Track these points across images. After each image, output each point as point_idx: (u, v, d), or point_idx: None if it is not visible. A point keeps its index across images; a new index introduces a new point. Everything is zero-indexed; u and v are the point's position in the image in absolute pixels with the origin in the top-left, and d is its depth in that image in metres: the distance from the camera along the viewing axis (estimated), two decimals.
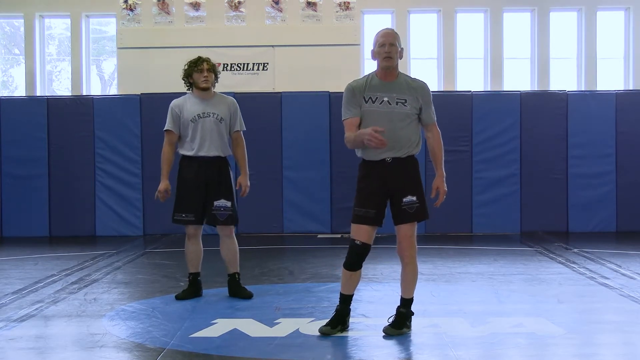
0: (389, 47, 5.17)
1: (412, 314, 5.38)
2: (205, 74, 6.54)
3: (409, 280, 5.34)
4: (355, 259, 5.23)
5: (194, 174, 6.51)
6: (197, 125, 6.50)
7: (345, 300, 5.34)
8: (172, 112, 6.59)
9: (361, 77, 5.39)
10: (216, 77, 6.67)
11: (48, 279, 7.81)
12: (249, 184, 6.70)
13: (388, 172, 5.19)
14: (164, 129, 6.63)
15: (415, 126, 5.28)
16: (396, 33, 5.30)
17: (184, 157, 6.59)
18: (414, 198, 5.22)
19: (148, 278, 7.92)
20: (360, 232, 5.20)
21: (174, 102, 6.66)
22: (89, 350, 5.01)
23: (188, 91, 6.71)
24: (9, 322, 5.80)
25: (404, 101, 5.20)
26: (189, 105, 6.57)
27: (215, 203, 6.51)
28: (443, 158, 5.43)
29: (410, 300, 5.36)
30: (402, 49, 5.27)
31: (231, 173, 6.66)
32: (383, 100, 5.18)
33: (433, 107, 5.36)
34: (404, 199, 5.20)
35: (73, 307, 6.37)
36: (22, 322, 5.82)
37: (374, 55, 5.28)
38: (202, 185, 6.51)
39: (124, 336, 5.37)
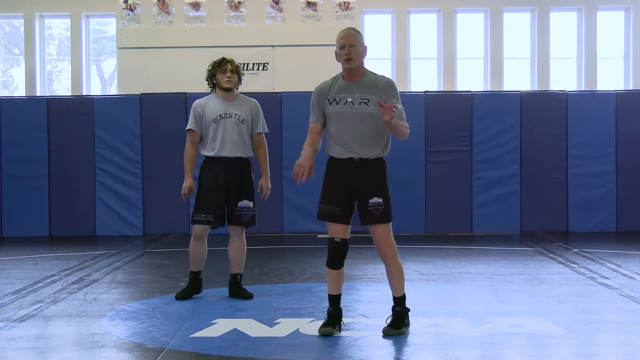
0: (349, 49, 5.14)
1: (408, 310, 5.39)
2: (229, 74, 6.55)
3: (396, 278, 5.36)
4: (337, 256, 5.25)
5: (216, 175, 6.51)
6: (219, 126, 6.50)
7: (335, 301, 5.34)
8: (194, 112, 6.58)
9: (329, 78, 5.35)
10: (239, 79, 6.68)
11: (48, 279, 7.81)
12: (270, 186, 6.74)
13: (354, 171, 5.21)
14: (186, 128, 6.62)
15: (382, 126, 5.16)
16: (357, 32, 5.24)
17: (206, 158, 6.59)
18: (380, 200, 5.20)
19: (148, 278, 7.92)
20: (335, 230, 5.23)
21: (197, 101, 6.65)
22: (89, 350, 5.01)
23: (211, 91, 6.70)
24: (9, 322, 5.80)
25: (366, 101, 5.16)
26: (211, 105, 6.57)
27: (239, 204, 6.54)
28: (403, 135, 5.21)
29: (403, 298, 5.38)
30: (365, 47, 5.23)
31: (253, 175, 6.67)
32: (347, 101, 5.17)
33: (401, 105, 5.23)
34: (370, 201, 5.19)
35: (73, 307, 6.37)
36: (22, 322, 5.81)
37: (336, 57, 5.24)
38: (223, 186, 6.51)
39: (124, 336, 5.37)
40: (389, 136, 5.30)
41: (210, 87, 6.68)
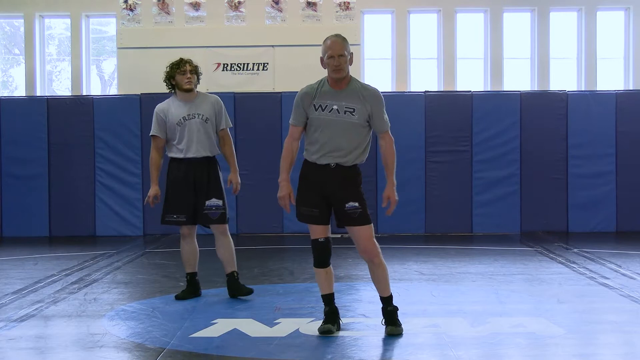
0: (338, 59, 5.13)
1: (397, 308, 5.38)
2: (189, 75, 6.54)
3: (383, 278, 5.34)
4: (322, 255, 5.30)
5: (183, 175, 6.51)
6: (184, 128, 6.50)
7: (329, 301, 5.38)
8: (157, 117, 6.59)
9: (314, 82, 5.34)
10: (198, 78, 6.66)
11: (48, 279, 7.81)
12: (239, 180, 6.71)
13: (328, 177, 5.21)
14: (150, 134, 6.63)
15: (364, 136, 5.21)
16: (344, 40, 5.20)
17: (173, 159, 6.59)
18: (356, 204, 5.20)
19: (148, 278, 7.92)
20: (317, 231, 5.28)
21: (158, 107, 6.66)
22: (89, 350, 5.01)
23: (171, 92, 6.70)
24: (9, 322, 5.80)
25: (352, 110, 5.15)
26: (173, 108, 6.57)
27: (207, 203, 6.51)
28: (395, 166, 5.29)
29: (391, 297, 5.38)
30: (351, 54, 5.22)
31: (220, 173, 6.66)
32: (332, 109, 5.17)
33: (386, 116, 5.25)
34: (347, 205, 5.20)
35: (73, 307, 6.37)
36: (22, 322, 5.82)
37: (323, 64, 5.24)
38: (191, 186, 6.52)
39: (124, 336, 5.37)
40: (368, 145, 5.30)
41: (169, 88, 6.67)
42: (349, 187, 5.22)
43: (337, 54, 5.14)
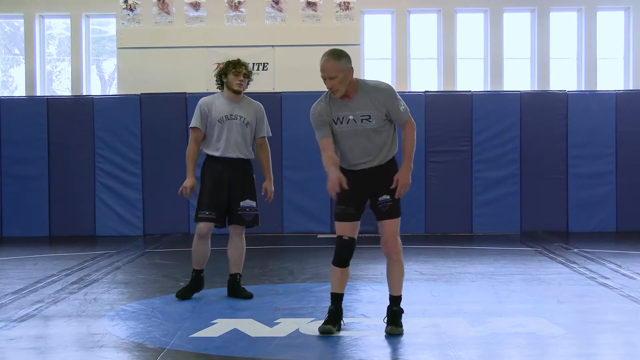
0: (330, 82, 5.06)
1: (403, 311, 5.40)
2: (242, 77, 6.56)
3: (398, 277, 5.39)
4: (345, 253, 5.29)
5: (218, 174, 6.52)
6: (224, 126, 6.50)
7: (338, 300, 5.37)
8: (200, 110, 6.57)
9: (320, 99, 5.24)
10: (248, 83, 6.69)
11: (48, 279, 7.81)
12: (273, 189, 6.74)
13: (365, 177, 5.25)
14: (190, 126, 6.62)
15: (387, 133, 5.23)
16: (337, 59, 5.03)
17: (209, 157, 6.59)
18: (388, 197, 5.27)
19: (148, 278, 7.92)
20: (345, 228, 5.27)
21: (203, 100, 6.65)
22: (89, 350, 5.01)
23: (217, 89, 6.70)
24: (9, 322, 5.80)
25: (368, 117, 5.15)
26: (217, 105, 6.57)
27: (242, 203, 6.56)
28: (413, 151, 5.30)
29: (400, 298, 5.40)
30: (349, 68, 5.07)
31: (255, 176, 6.68)
32: (349, 120, 5.15)
33: (402, 106, 5.22)
34: (380, 198, 5.27)
35: (73, 307, 6.37)
36: (22, 322, 5.81)
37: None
38: (225, 186, 6.53)
39: (124, 336, 5.37)
40: (395, 136, 5.32)
41: (218, 85, 6.67)
42: (385, 181, 5.24)
43: (328, 77, 5.06)
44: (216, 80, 6.67)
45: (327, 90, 5.21)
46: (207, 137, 6.59)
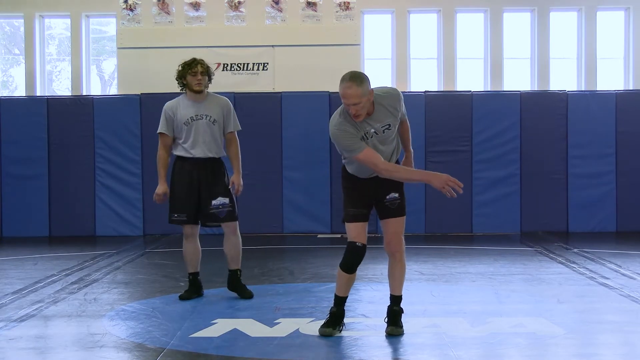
0: (355, 109, 4.93)
1: (403, 311, 5.40)
2: (199, 77, 6.53)
3: (400, 276, 5.39)
4: (356, 261, 5.24)
5: (187, 175, 6.54)
6: (191, 128, 6.51)
7: (341, 302, 5.36)
8: (165, 115, 6.60)
9: (340, 118, 5.06)
10: (209, 79, 6.66)
11: (48, 279, 7.81)
12: (242, 182, 6.69)
13: (374, 181, 5.24)
14: (158, 131, 6.63)
15: (395, 136, 5.29)
16: (359, 85, 4.88)
17: (178, 157, 6.61)
18: (397, 195, 5.31)
19: (148, 278, 7.92)
20: (359, 231, 5.22)
21: (167, 105, 6.66)
22: (89, 350, 5.01)
23: (182, 91, 6.71)
24: (9, 322, 5.80)
25: (388, 126, 5.15)
26: (182, 107, 6.57)
27: (213, 202, 6.53)
28: (410, 139, 5.49)
29: (401, 298, 5.40)
30: (370, 91, 4.96)
31: (227, 173, 6.67)
32: (373, 134, 5.12)
33: (403, 110, 5.29)
34: (387, 196, 5.29)
35: (73, 307, 6.37)
36: (22, 322, 5.82)
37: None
38: (195, 186, 6.53)
39: (124, 336, 5.37)
40: (398, 137, 5.36)
41: (180, 87, 6.68)
42: (392, 181, 5.23)
43: (352, 103, 4.93)
44: (178, 84, 6.67)
45: (342, 105, 5.08)
46: (175, 140, 6.61)
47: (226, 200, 6.56)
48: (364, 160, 5.02)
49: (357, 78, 4.94)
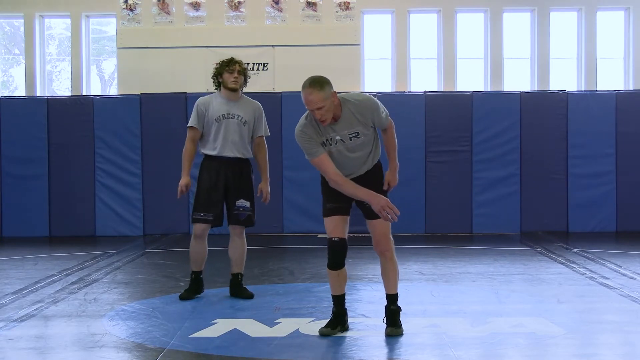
0: (319, 113, 4.94)
1: (400, 309, 5.39)
2: (236, 74, 6.57)
3: (392, 274, 5.38)
4: (337, 256, 5.25)
5: (215, 174, 6.54)
6: (221, 126, 6.52)
7: (339, 301, 5.36)
8: (197, 109, 6.59)
9: (304, 121, 5.10)
10: (245, 80, 6.69)
11: (48, 279, 7.81)
12: (269, 190, 6.73)
13: (355, 181, 5.19)
14: (188, 125, 6.63)
15: (371, 141, 5.19)
16: (320, 90, 4.91)
17: (206, 156, 6.61)
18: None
19: (148, 278, 7.92)
20: (336, 224, 5.23)
21: (201, 99, 6.66)
22: (89, 350, 5.01)
23: (216, 90, 6.71)
24: (9, 322, 5.80)
25: (356, 134, 5.09)
26: (215, 104, 6.58)
27: (237, 203, 6.56)
28: (396, 150, 5.37)
29: (397, 296, 5.39)
30: (333, 93, 4.98)
31: (253, 176, 6.68)
32: (337, 140, 5.09)
33: (383, 113, 5.18)
34: None
35: (73, 307, 6.37)
36: (22, 322, 5.82)
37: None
38: (222, 186, 6.55)
39: (124, 336, 5.37)
40: (377, 140, 5.29)
41: (215, 85, 6.69)
42: (372, 183, 5.21)
43: (315, 108, 4.95)
44: (213, 82, 6.69)
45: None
46: (204, 137, 6.60)
47: (247, 203, 6.61)
48: (316, 166, 5.10)
49: (317, 83, 4.98)
